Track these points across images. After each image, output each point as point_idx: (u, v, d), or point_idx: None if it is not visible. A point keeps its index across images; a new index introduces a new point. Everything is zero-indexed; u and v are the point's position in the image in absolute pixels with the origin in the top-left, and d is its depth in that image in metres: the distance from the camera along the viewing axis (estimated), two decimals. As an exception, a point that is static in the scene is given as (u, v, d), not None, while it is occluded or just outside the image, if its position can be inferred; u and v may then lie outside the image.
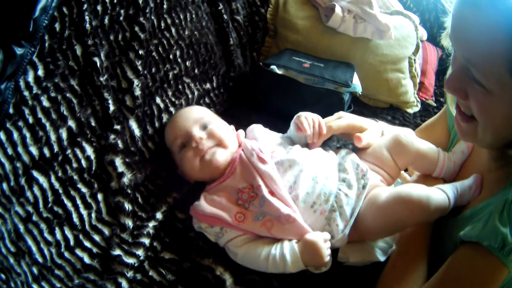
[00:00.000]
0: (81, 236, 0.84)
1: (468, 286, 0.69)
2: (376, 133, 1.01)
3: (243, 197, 0.87)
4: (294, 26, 1.38)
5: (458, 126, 0.76)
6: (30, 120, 0.78)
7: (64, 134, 0.83)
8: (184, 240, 0.92)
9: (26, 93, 0.77)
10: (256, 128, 1.01)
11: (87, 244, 0.85)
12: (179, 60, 1.08)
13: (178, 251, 0.90)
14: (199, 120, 0.96)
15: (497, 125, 0.68)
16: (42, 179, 0.79)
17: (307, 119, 0.96)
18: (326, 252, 0.81)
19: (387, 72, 1.47)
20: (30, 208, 0.78)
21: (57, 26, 0.82)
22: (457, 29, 0.66)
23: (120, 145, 0.91)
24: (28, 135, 0.77)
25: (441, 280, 0.72)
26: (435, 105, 1.65)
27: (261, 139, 0.97)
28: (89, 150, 0.87)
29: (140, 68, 0.97)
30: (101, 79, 0.89)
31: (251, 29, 1.33)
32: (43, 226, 0.79)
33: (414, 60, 1.58)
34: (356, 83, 1.29)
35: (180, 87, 1.07)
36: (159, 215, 0.93)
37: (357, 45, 1.42)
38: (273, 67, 1.19)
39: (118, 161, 0.90)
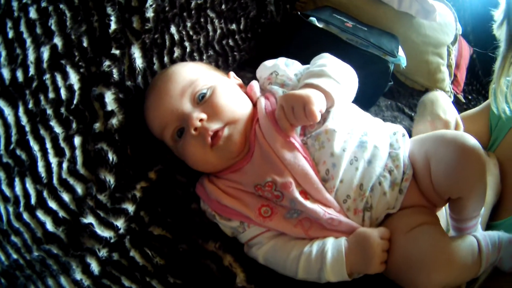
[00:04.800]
0: (45, 193, 0.56)
1: None
2: None
3: (266, 196, 0.55)
4: (336, -15, 1.07)
5: None
6: (10, 34, 0.52)
7: (45, 53, 0.55)
8: (183, 213, 0.61)
9: (14, 3, 0.52)
10: (279, 72, 0.64)
11: (52, 205, 0.56)
12: (206, -11, 0.76)
13: (173, 227, 0.59)
14: (190, 87, 0.59)
15: None
16: (8, 111, 0.53)
17: (285, 110, 0.56)
18: (379, 252, 0.53)
19: (428, 54, 1.19)
20: (-12, 150, 0.50)
21: None
22: None
23: (115, 75, 0.61)
24: (3, 53, 0.52)
25: None
26: (464, 101, 1.42)
27: (289, 85, 0.63)
28: (74, 78, 0.58)
29: None
30: (106, -11, 0.60)
31: (287, -22, 1.01)
32: (1, 174, 0.53)
33: (451, 50, 1.32)
34: (402, 56, 0.99)
35: (202, 20, 0.75)
36: (152, 174, 0.62)
37: (401, 19, 1.13)
38: (313, 18, 0.88)
39: (109, 96, 0.60)
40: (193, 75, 0.60)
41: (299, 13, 0.88)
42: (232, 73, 0.67)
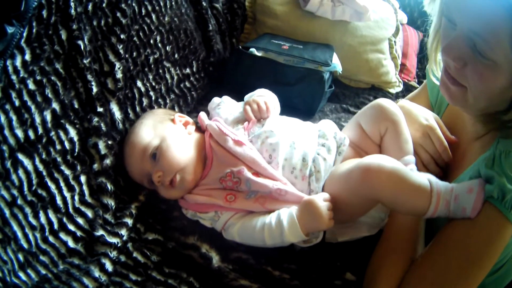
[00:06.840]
0: (64, 219, 0.77)
1: (472, 247, 0.61)
2: None
3: (228, 185, 0.79)
4: (273, 12, 1.31)
5: (447, 90, 0.70)
6: (17, 103, 0.72)
7: (48, 116, 0.76)
8: (168, 219, 0.84)
9: (13, 77, 0.71)
10: (224, 102, 0.92)
11: (71, 227, 0.77)
12: (159, 45, 1.00)
13: (162, 231, 0.83)
14: (146, 150, 0.82)
15: (493, 94, 0.63)
16: (26, 162, 0.72)
17: (251, 106, 0.87)
18: (325, 211, 0.71)
19: (366, 53, 1.39)
20: (15, 192, 0.71)
21: (44, 12, 0.76)
22: (466, 1, 0.60)
23: (103, 128, 0.84)
24: (14, 118, 0.71)
25: (443, 244, 0.65)
26: (418, 86, 1.54)
27: (231, 113, 0.90)
28: (72, 132, 0.80)
29: (121, 52, 0.90)
30: (85, 61, 0.82)
31: (230, 16, 1.25)
32: (27, 210, 0.72)
33: (395, 42, 1.50)
34: (336, 63, 1.21)
35: (160, 71, 1.00)
36: (141, 197, 0.85)
37: (335, 27, 1.35)
38: (252, 49, 1.12)
39: (101, 144, 0.83)
40: (146, 139, 0.83)
41: (240, 47, 1.12)
42: (176, 117, 0.90)
